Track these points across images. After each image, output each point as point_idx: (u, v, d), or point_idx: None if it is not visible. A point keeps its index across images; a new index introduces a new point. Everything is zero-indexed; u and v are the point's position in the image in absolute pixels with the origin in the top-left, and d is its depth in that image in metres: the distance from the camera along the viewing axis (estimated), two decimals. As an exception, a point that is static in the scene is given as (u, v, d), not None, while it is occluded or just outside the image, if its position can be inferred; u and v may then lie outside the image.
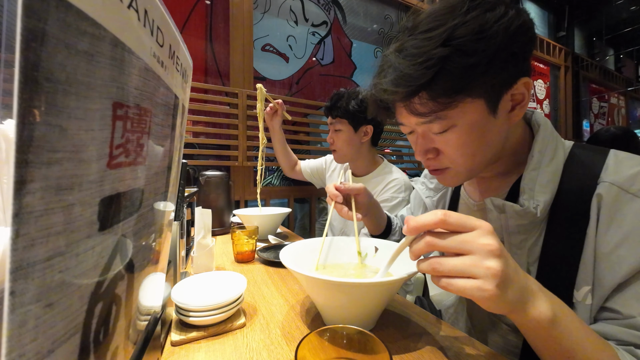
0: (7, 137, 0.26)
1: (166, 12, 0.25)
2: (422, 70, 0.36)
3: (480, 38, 0.35)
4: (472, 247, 0.28)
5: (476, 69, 0.36)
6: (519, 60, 0.39)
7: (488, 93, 0.38)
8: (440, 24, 0.36)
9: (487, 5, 0.37)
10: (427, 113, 0.40)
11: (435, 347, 0.40)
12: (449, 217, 0.29)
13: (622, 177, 0.38)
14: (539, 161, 0.43)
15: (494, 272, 0.27)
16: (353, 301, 0.41)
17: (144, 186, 0.25)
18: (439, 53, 0.35)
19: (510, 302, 0.29)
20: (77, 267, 0.16)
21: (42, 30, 0.12)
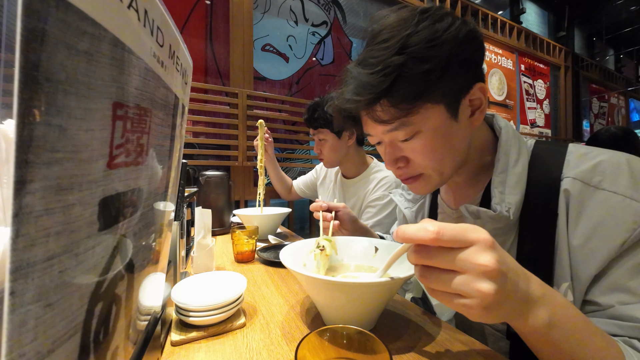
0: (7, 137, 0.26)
1: (166, 12, 0.25)
2: (380, 77, 0.38)
3: (432, 46, 0.38)
4: (465, 267, 0.26)
5: (431, 75, 0.38)
6: (471, 66, 0.41)
7: (447, 98, 0.41)
8: (395, 35, 0.39)
9: (436, 17, 0.39)
10: (390, 120, 0.41)
11: (435, 347, 0.40)
12: (443, 233, 0.26)
13: (582, 171, 0.40)
14: (505, 163, 0.44)
15: (485, 295, 0.26)
16: (353, 301, 0.41)
17: (144, 186, 0.25)
18: (395, 61, 0.38)
19: (500, 317, 0.28)
20: (77, 267, 0.16)
21: (42, 30, 0.12)
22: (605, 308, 0.36)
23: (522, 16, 3.50)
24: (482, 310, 0.26)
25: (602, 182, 0.38)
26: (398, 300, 0.55)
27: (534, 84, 3.56)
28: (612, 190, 0.37)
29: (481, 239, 0.26)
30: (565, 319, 0.30)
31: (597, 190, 0.38)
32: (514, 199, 0.42)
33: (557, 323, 0.29)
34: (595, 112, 4.35)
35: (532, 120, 3.52)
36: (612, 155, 0.40)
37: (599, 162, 0.39)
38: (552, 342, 0.30)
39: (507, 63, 3.28)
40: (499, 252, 0.27)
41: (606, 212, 0.37)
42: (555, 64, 3.75)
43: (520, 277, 0.28)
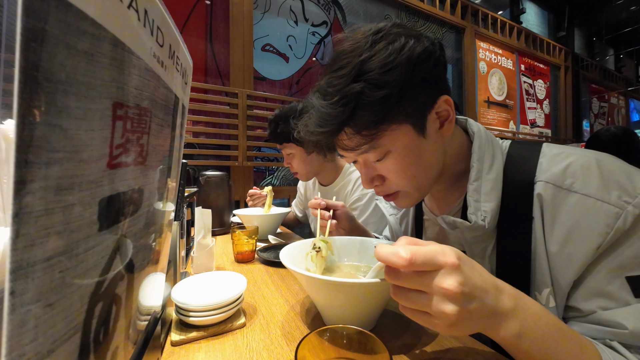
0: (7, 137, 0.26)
1: (166, 12, 0.25)
2: (339, 108, 0.38)
3: (386, 71, 0.37)
4: (430, 289, 0.28)
5: (390, 99, 0.38)
6: (431, 82, 0.41)
7: (411, 117, 0.40)
8: (349, 62, 0.39)
9: (389, 37, 0.39)
10: (356, 147, 0.42)
11: (435, 347, 0.40)
12: (415, 260, 0.27)
13: (554, 174, 0.39)
14: (479, 170, 0.44)
15: (448, 316, 0.27)
16: (353, 301, 0.41)
17: (144, 186, 0.25)
18: (352, 89, 0.38)
19: (470, 331, 0.30)
20: (77, 267, 0.16)
21: (42, 30, 0.12)
22: (587, 314, 0.36)
23: (522, 16, 3.50)
24: (447, 327, 0.28)
25: (573, 184, 0.38)
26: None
27: (534, 84, 3.56)
28: (584, 192, 0.37)
29: (448, 263, 0.28)
30: (536, 329, 0.30)
31: (569, 193, 0.38)
32: (489, 206, 0.42)
33: (528, 333, 0.30)
34: (595, 112, 4.35)
35: (532, 120, 3.52)
36: (582, 155, 0.40)
37: (569, 164, 0.39)
38: (523, 350, 0.31)
39: (507, 63, 3.28)
40: (464, 274, 0.28)
41: (579, 216, 0.37)
42: (555, 64, 3.75)
43: (490, 293, 0.29)
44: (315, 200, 0.62)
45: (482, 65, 3.05)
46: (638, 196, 0.35)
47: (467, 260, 0.29)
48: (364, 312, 0.42)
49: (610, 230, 0.35)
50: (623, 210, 0.34)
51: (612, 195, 0.36)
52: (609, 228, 0.35)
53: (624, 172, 0.37)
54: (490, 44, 3.12)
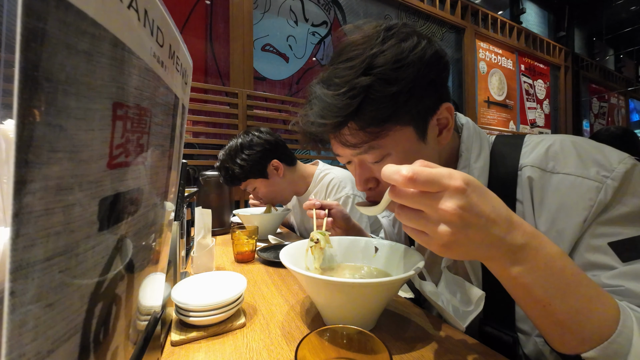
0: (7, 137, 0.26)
1: (166, 12, 0.25)
2: (346, 100, 0.37)
3: (398, 67, 0.37)
4: (429, 209, 0.28)
5: (399, 97, 0.37)
6: (438, 86, 0.41)
7: (415, 120, 0.40)
8: (360, 53, 0.38)
9: (401, 35, 0.39)
10: (358, 144, 0.40)
11: (435, 347, 0.40)
12: (417, 178, 0.27)
13: (537, 158, 0.42)
14: (467, 158, 0.45)
15: (442, 236, 0.27)
16: (353, 301, 0.41)
17: (144, 186, 0.25)
18: (361, 82, 0.36)
19: (467, 256, 0.30)
20: (77, 267, 0.16)
21: (42, 30, 0.12)
22: None
23: (522, 16, 3.50)
24: (440, 247, 0.28)
25: (555, 166, 0.40)
26: (398, 300, 0.55)
27: (534, 84, 3.56)
28: (565, 172, 0.39)
29: (452, 186, 0.27)
30: (545, 269, 0.29)
31: (552, 174, 0.40)
32: None
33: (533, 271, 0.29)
34: (595, 112, 4.35)
35: (532, 120, 3.52)
36: (557, 139, 0.42)
37: (549, 147, 0.42)
38: (523, 285, 0.30)
39: (507, 63, 3.28)
40: (468, 199, 0.27)
41: (563, 194, 0.39)
42: (555, 64, 3.75)
43: (498, 224, 0.28)
44: (310, 201, 0.62)
45: (482, 65, 3.05)
46: (614, 170, 0.37)
47: (478, 188, 0.28)
48: (364, 312, 0.42)
49: (593, 204, 0.36)
50: (603, 184, 0.36)
51: (591, 171, 0.38)
52: (591, 202, 0.37)
53: (598, 149, 0.40)
54: (490, 44, 3.12)
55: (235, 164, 0.97)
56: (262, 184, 1.02)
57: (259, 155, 0.98)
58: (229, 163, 0.98)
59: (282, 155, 1.03)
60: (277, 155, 1.02)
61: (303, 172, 1.10)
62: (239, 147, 0.98)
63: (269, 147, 1.00)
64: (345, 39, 0.41)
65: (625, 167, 0.37)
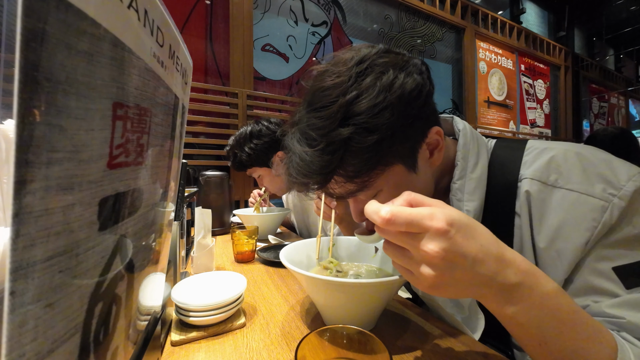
0: (7, 137, 0.26)
1: (166, 12, 0.25)
2: (326, 157, 0.35)
3: (377, 112, 0.34)
4: (413, 251, 0.27)
5: (382, 144, 0.35)
6: (422, 119, 0.39)
7: (402, 157, 0.39)
8: (334, 101, 0.35)
9: (375, 70, 0.36)
10: (347, 194, 0.39)
11: (435, 347, 0.40)
12: (395, 221, 0.26)
13: (538, 170, 0.39)
14: (464, 168, 0.43)
15: (427, 278, 0.27)
16: (353, 301, 0.41)
17: (144, 186, 0.25)
18: (340, 135, 0.34)
19: (457, 296, 0.29)
20: (77, 267, 0.16)
21: (42, 30, 0.12)
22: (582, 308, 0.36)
23: (522, 16, 3.50)
24: (427, 288, 0.28)
25: (558, 180, 0.37)
26: (398, 300, 0.55)
27: (534, 84, 3.56)
28: (568, 187, 0.37)
29: (433, 227, 0.26)
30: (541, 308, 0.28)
31: (554, 189, 0.37)
32: (472, 205, 0.41)
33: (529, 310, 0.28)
34: (595, 112, 4.35)
35: (532, 120, 3.52)
36: (562, 149, 0.40)
37: (551, 159, 0.39)
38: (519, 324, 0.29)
39: (507, 63, 3.28)
40: (452, 240, 0.26)
41: (566, 212, 0.36)
42: (555, 64, 3.75)
43: (486, 263, 0.27)
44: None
45: (482, 65, 3.05)
46: (622, 188, 0.34)
47: (464, 227, 0.27)
48: (364, 312, 0.42)
49: (597, 225, 0.34)
50: (609, 203, 0.34)
51: (597, 188, 0.35)
52: (595, 222, 0.34)
53: (605, 162, 0.37)
54: (490, 44, 3.12)
55: (243, 151, 1.00)
56: (266, 172, 1.05)
57: (266, 145, 1.00)
58: (237, 149, 1.01)
59: None
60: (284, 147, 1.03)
61: None
62: (248, 135, 1.01)
63: (275, 139, 1.02)
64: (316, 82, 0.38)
65: (635, 185, 0.34)
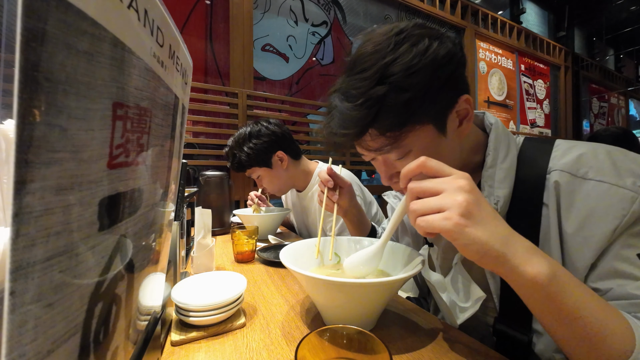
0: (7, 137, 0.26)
1: (166, 12, 0.25)
2: (364, 110, 0.39)
3: (411, 73, 0.38)
4: (445, 186, 0.31)
5: (414, 102, 0.38)
6: (453, 84, 0.42)
7: (433, 118, 0.41)
8: (373, 64, 0.39)
9: (412, 39, 0.39)
10: (380, 148, 0.42)
11: (435, 347, 0.40)
12: (429, 161, 0.33)
13: (568, 163, 0.41)
14: (495, 158, 0.46)
15: (459, 203, 0.30)
16: (353, 301, 0.41)
17: (144, 186, 0.25)
18: (376, 92, 0.38)
19: (487, 244, 0.30)
20: (77, 267, 0.16)
21: (42, 30, 0.12)
22: (605, 292, 0.37)
23: (522, 16, 3.50)
24: (459, 217, 0.30)
25: (588, 172, 0.39)
26: (398, 300, 0.55)
27: (534, 84, 3.56)
28: (599, 179, 0.38)
29: (460, 172, 0.32)
30: (564, 274, 0.30)
31: (584, 180, 0.39)
32: (502, 192, 0.44)
33: (559, 276, 0.30)
34: (595, 112, 4.34)
35: (532, 120, 3.52)
36: (592, 147, 0.42)
37: (581, 155, 0.41)
38: (554, 295, 0.30)
39: (507, 63, 3.28)
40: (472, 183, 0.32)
41: (595, 201, 0.38)
42: (555, 64, 3.74)
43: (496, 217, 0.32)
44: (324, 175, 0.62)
45: (482, 65, 3.05)
46: None
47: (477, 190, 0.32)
48: (364, 312, 0.42)
49: (626, 214, 0.36)
50: (639, 195, 0.36)
51: (627, 181, 0.37)
52: (624, 211, 0.36)
53: (635, 161, 0.39)
54: (490, 44, 3.12)
55: (242, 151, 1.00)
56: (265, 172, 1.05)
57: (265, 145, 1.01)
58: (236, 150, 1.02)
59: (288, 148, 1.06)
60: (283, 147, 1.05)
61: (305, 168, 1.12)
62: (247, 136, 1.02)
63: (275, 139, 1.03)
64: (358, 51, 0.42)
65: None
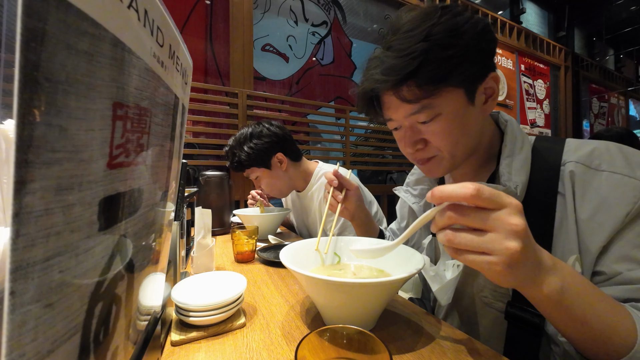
0: (7, 137, 0.26)
1: (166, 12, 0.25)
2: (408, 60, 0.42)
3: (453, 35, 0.42)
4: (496, 225, 0.28)
5: (453, 60, 0.42)
6: (487, 55, 0.45)
7: (465, 83, 0.44)
8: (419, 25, 0.43)
9: (456, 10, 0.44)
10: (414, 100, 0.44)
11: (435, 347, 0.40)
12: (482, 192, 0.28)
13: (581, 156, 0.44)
14: (512, 150, 0.48)
15: (512, 253, 0.27)
16: (353, 301, 0.41)
17: (144, 186, 0.25)
18: (420, 47, 0.41)
19: (518, 279, 0.30)
20: (77, 267, 0.16)
21: (42, 30, 0.12)
22: (614, 276, 0.39)
23: (522, 16, 3.49)
24: (506, 267, 0.28)
25: (601, 164, 0.42)
26: (398, 300, 0.55)
27: (534, 84, 3.56)
28: (611, 170, 0.41)
29: (513, 203, 0.29)
30: (574, 285, 0.32)
31: (597, 172, 0.42)
32: (519, 179, 0.46)
33: (568, 289, 0.31)
34: (595, 112, 4.34)
35: (532, 120, 3.52)
36: (604, 143, 0.45)
37: (594, 149, 0.44)
38: (565, 307, 0.32)
39: (507, 63, 3.28)
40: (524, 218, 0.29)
41: (609, 189, 0.40)
42: (555, 64, 3.74)
43: (535, 247, 0.31)
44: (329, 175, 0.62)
45: (482, 65, 3.04)
46: None
47: None
48: (364, 312, 0.42)
49: (637, 201, 0.38)
50: None
51: (638, 172, 0.40)
52: (636, 198, 0.38)
53: None
54: (490, 44, 3.11)
55: (243, 150, 1.01)
56: (264, 174, 1.05)
57: (266, 146, 1.02)
58: (237, 149, 1.03)
59: (288, 150, 1.07)
60: (283, 149, 1.05)
61: (305, 169, 1.13)
62: (248, 136, 1.02)
63: (276, 140, 1.04)
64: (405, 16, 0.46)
65: None
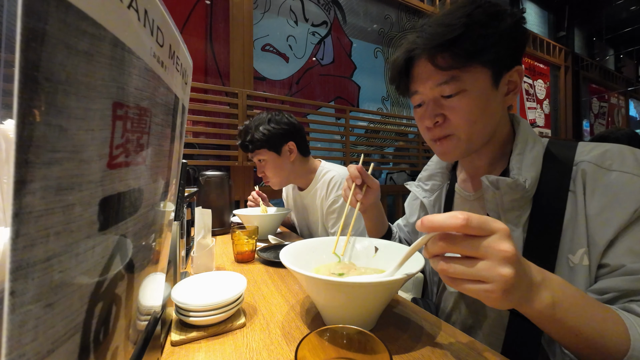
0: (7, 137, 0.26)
1: (166, 12, 0.25)
2: (448, 29, 0.45)
3: (493, 18, 0.45)
4: (487, 252, 0.29)
5: (489, 39, 0.45)
6: (518, 45, 0.48)
7: (495, 65, 0.47)
8: (460, 8, 0.46)
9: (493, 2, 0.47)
10: (446, 67, 0.47)
11: (435, 347, 0.40)
12: (471, 221, 0.28)
13: (595, 156, 0.46)
14: (523, 147, 0.50)
15: (507, 279, 0.28)
16: (353, 301, 0.41)
17: (144, 186, 0.25)
18: (462, 21, 0.44)
19: (514, 301, 0.31)
20: (77, 267, 0.16)
21: (42, 30, 0.12)
22: (617, 268, 0.40)
23: (522, 16, 3.49)
24: (502, 293, 0.29)
25: (612, 164, 0.44)
26: (398, 300, 0.55)
27: (534, 84, 3.56)
28: (622, 170, 0.43)
29: (501, 228, 0.29)
30: (564, 297, 0.33)
31: (608, 171, 0.43)
32: (529, 174, 0.47)
33: (559, 302, 0.32)
34: (595, 112, 4.34)
35: (532, 120, 3.51)
36: (617, 145, 0.47)
37: (606, 150, 0.46)
38: (558, 320, 0.33)
39: (507, 63, 3.27)
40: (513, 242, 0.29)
41: (618, 188, 0.42)
42: (555, 64, 3.74)
43: (526, 268, 0.31)
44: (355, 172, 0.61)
45: (482, 65, 3.04)
46: None
47: None
48: (364, 312, 0.42)
49: None
50: None
51: None
52: None
53: None
54: (490, 44, 3.11)
55: (258, 131, 1.03)
56: (271, 157, 1.06)
57: (282, 132, 1.04)
58: (252, 129, 1.04)
59: (300, 143, 1.09)
60: (296, 140, 1.08)
61: (310, 167, 1.14)
62: (267, 120, 1.05)
63: (292, 130, 1.07)
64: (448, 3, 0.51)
65: None
